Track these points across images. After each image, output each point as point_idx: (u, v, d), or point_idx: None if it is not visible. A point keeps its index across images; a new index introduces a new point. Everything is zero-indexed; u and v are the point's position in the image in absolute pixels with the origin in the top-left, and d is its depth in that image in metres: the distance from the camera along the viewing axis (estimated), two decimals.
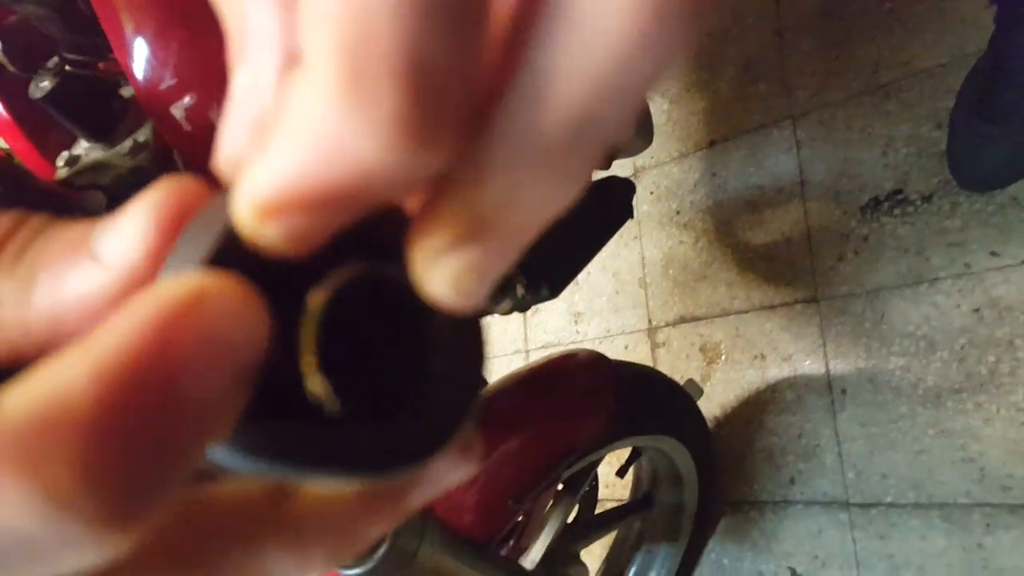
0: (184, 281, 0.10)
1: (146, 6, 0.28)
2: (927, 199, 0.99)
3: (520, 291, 0.62)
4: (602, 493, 1.24)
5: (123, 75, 0.30)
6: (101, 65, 0.31)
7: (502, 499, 0.77)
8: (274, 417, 0.11)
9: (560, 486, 0.91)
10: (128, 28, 0.28)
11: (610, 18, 0.09)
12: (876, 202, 1.04)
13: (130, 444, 0.09)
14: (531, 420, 0.83)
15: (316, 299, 0.12)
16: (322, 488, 0.13)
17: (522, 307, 0.64)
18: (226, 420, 0.10)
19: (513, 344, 1.51)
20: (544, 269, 0.64)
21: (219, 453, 0.11)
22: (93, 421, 0.08)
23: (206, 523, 0.12)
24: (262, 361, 0.10)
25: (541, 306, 1.48)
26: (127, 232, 0.11)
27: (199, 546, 0.12)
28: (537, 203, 0.12)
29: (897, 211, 1.02)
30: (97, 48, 0.31)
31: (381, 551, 0.54)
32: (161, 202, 0.11)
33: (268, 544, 0.12)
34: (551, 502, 0.90)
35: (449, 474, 0.14)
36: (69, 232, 0.12)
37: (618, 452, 1.12)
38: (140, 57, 0.29)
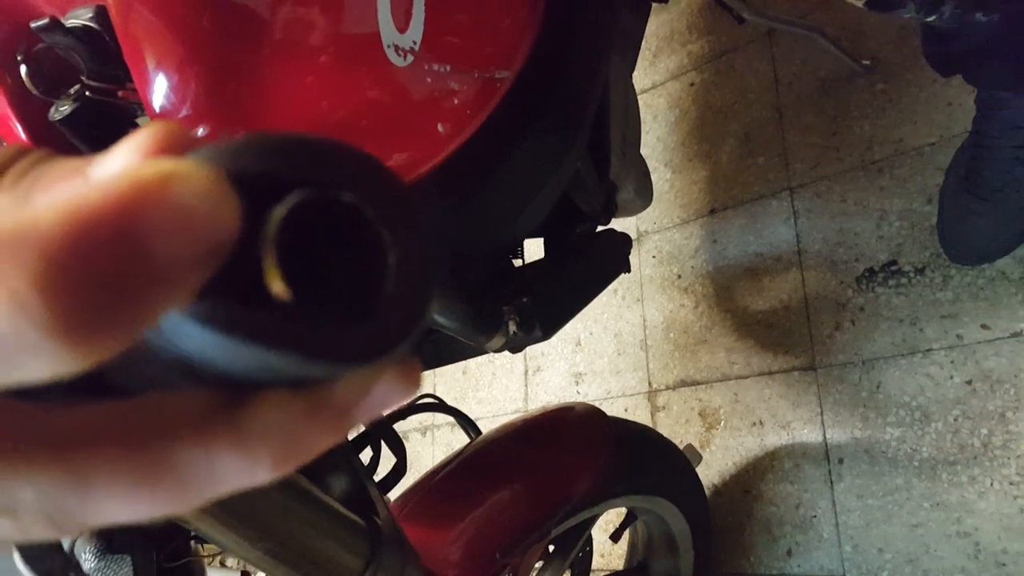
0: (166, 161, 0.12)
1: (168, 42, 0.32)
2: (920, 271, 1.01)
3: (512, 328, 0.63)
4: (597, 562, 1.22)
5: (140, 104, 0.34)
6: (121, 93, 0.34)
7: (489, 550, 0.74)
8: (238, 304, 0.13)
9: (551, 548, 0.89)
10: (150, 62, 0.32)
11: None
12: (871, 272, 1.06)
13: (86, 272, 0.10)
14: (523, 471, 0.81)
15: (279, 209, 0.14)
16: (270, 396, 0.15)
17: (514, 346, 0.65)
18: (186, 288, 0.12)
19: (514, 403, 1.52)
20: (538, 308, 0.65)
21: (178, 320, 0.13)
22: (53, 245, 0.10)
23: (161, 418, 0.14)
24: (229, 247, 0.12)
25: (543, 365, 1.49)
26: (118, 158, 0.13)
27: (152, 437, 0.13)
28: None
29: (892, 282, 1.04)
30: (119, 77, 0.34)
31: None
32: (150, 135, 0.13)
33: (217, 443, 0.14)
34: (541, 564, 0.88)
35: (390, 393, 0.16)
36: (67, 162, 0.13)
37: (614, 519, 1.11)
38: (159, 89, 0.33)
